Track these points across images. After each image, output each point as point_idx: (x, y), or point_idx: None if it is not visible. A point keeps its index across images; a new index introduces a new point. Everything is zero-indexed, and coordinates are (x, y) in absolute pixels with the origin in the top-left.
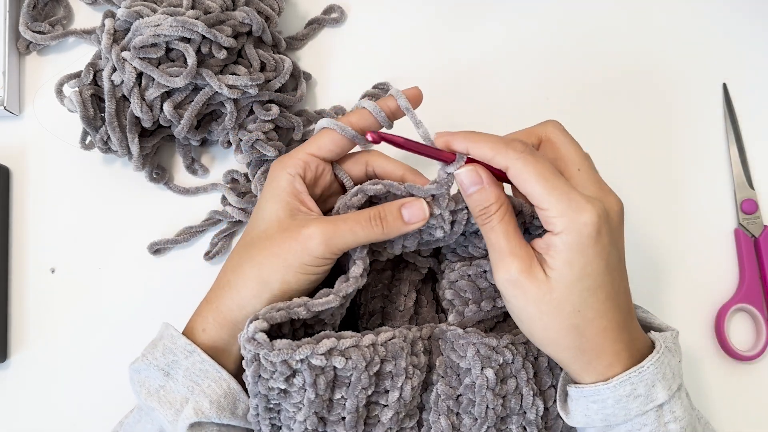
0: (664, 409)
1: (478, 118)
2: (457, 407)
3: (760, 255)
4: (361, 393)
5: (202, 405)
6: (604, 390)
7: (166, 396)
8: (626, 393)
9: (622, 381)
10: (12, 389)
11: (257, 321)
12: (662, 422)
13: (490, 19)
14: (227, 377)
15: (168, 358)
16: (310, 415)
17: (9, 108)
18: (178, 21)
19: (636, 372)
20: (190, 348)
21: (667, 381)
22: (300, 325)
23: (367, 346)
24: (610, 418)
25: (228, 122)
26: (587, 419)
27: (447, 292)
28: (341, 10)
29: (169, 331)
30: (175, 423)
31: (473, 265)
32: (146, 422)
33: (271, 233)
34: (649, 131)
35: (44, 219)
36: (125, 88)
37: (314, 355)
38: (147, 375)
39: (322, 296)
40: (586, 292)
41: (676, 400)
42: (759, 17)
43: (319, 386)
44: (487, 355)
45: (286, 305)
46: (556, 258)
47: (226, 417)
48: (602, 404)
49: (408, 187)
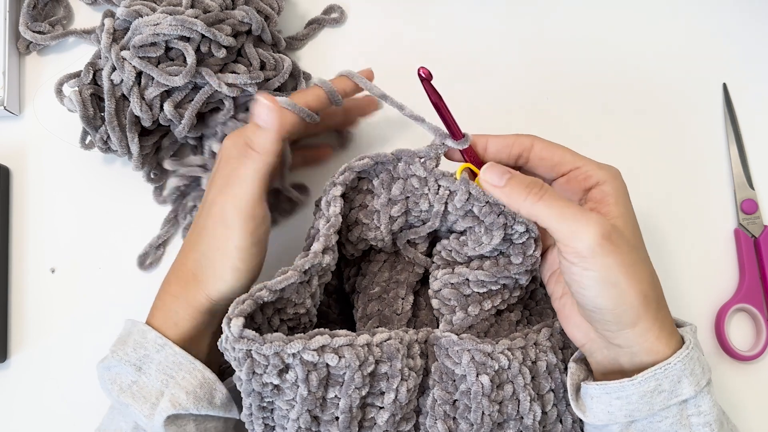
0: (688, 404)
1: (478, 118)
2: (454, 412)
3: (760, 255)
4: (354, 393)
5: (179, 397)
6: (629, 386)
7: (140, 391)
8: (651, 389)
9: (647, 377)
10: (12, 389)
11: (234, 320)
12: (684, 415)
13: (490, 19)
14: (201, 367)
15: (139, 352)
16: (303, 412)
17: (9, 108)
18: (178, 20)
19: (662, 369)
20: (161, 341)
21: (695, 377)
22: (272, 312)
23: (362, 346)
24: (634, 413)
25: (221, 117)
26: (610, 416)
27: (433, 301)
28: (341, 10)
29: (137, 326)
30: (152, 417)
31: (455, 273)
32: (119, 420)
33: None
34: (648, 131)
35: (44, 219)
36: (125, 87)
37: (306, 350)
38: (118, 371)
39: (280, 274)
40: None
41: (703, 395)
42: (759, 17)
43: (311, 382)
44: (482, 361)
45: (248, 294)
46: (616, 205)
47: (203, 407)
48: (626, 400)
49: (397, 153)
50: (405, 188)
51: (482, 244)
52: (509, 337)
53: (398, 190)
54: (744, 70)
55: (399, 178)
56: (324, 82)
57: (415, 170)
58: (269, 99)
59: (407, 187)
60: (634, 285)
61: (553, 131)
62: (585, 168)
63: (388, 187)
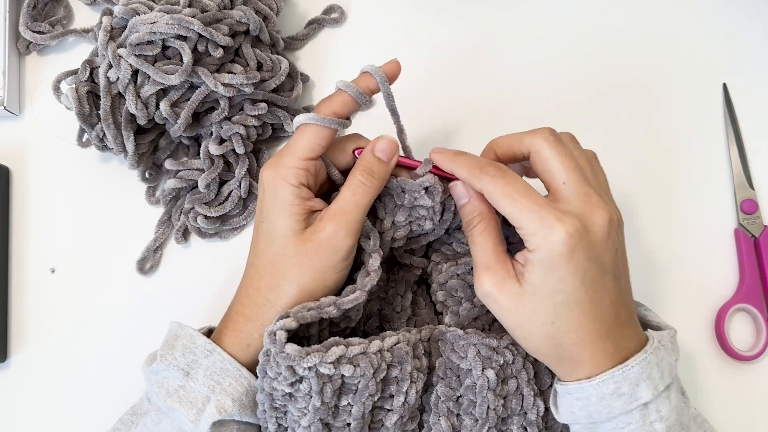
0: (649, 408)
1: (478, 118)
2: (458, 408)
3: (760, 255)
4: (368, 400)
5: (225, 403)
6: (588, 387)
7: (187, 396)
8: (609, 391)
9: (605, 379)
10: (12, 389)
11: (287, 319)
12: (647, 421)
13: (490, 19)
14: (248, 375)
15: (188, 357)
16: (315, 421)
17: (9, 108)
18: (175, 19)
19: (620, 371)
20: (210, 347)
21: (653, 380)
22: (326, 325)
23: (375, 353)
24: (594, 415)
25: (215, 116)
26: (572, 416)
27: (438, 294)
28: (341, 10)
29: (185, 331)
30: (197, 423)
31: (460, 264)
32: (166, 424)
33: (294, 249)
34: (649, 131)
35: (44, 219)
36: (121, 85)
37: (323, 363)
38: (166, 376)
39: (349, 293)
40: (559, 306)
41: (663, 399)
42: (759, 17)
43: (325, 394)
44: (488, 355)
45: (317, 305)
46: (531, 272)
47: (247, 415)
48: (585, 402)
49: (401, 183)
50: (411, 215)
51: None
52: None
53: (402, 217)
54: (744, 70)
55: (403, 206)
56: (348, 84)
57: (422, 202)
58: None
59: (413, 214)
60: (518, 338)
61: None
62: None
63: (392, 213)
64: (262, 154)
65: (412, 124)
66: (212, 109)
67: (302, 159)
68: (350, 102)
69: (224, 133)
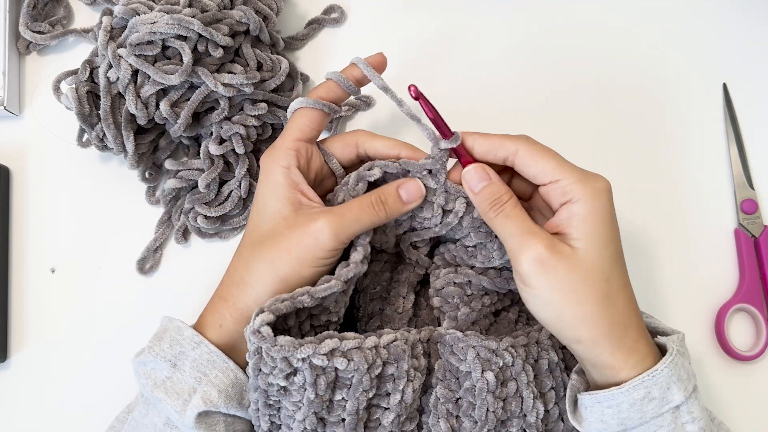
0: (681, 410)
1: (477, 118)
2: (457, 410)
3: (760, 255)
4: (361, 395)
5: (211, 394)
6: (619, 394)
7: (174, 387)
8: (640, 396)
9: (636, 385)
10: (12, 389)
11: (263, 314)
12: (679, 423)
13: (490, 19)
14: (234, 367)
15: (175, 349)
16: (309, 415)
17: (9, 108)
18: (175, 19)
19: (650, 375)
20: (197, 339)
21: (682, 382)
22: (306, 317)
23: (370, 348)
24: (626, 421)
25: (215, 116)
26: (603, 425)
27: (434, 299)
28: (341, 10)
29: (174, 323)
30: (183, 413)
31: (459, 273)
32: (153, 415)
33: (279, 230)
34: (649, 131)
35: (44, 219)
36: (120, 84)
37: (316, 354)
38: (153, 367)
39: (324, 282)
40: (612, 259)
41: (693, 400)
42: (759, 17)
43: (319, 386)
44: (487, 357)
45: (290, 295)
46: (580, 226)
47: (233, 407)
48: (617, 409)
49: (403, 164)
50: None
51: (492, 260)
52: (512, 334)
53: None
54: (744, 70)
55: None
56: (333, 72)
57: (426, 182)
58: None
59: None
60: (572, 305)
61: (553, 131)
62: (564, 182)
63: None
64: (261, 154)
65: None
66: (212, 109)
67: (292, 140)
68: (335, 87)
69: (224, 133)
